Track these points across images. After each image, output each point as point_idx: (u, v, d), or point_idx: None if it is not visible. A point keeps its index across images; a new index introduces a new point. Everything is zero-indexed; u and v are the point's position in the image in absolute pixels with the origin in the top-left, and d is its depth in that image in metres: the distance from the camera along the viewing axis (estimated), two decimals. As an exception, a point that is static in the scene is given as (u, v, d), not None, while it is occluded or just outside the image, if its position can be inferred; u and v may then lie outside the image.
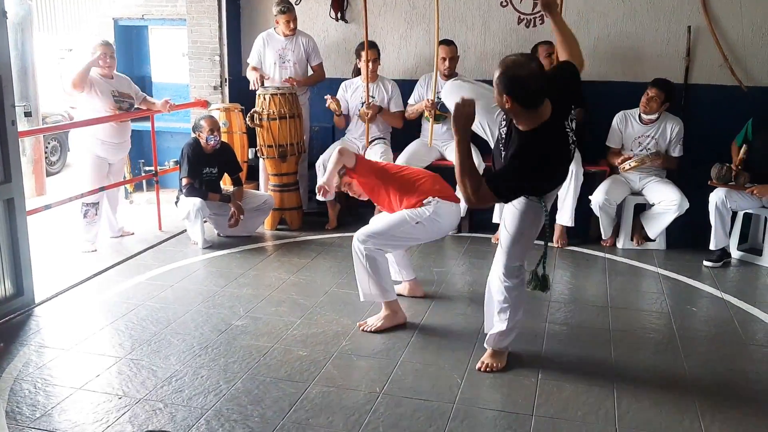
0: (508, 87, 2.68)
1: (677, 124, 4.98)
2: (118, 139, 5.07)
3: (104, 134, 4.98)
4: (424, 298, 4.08)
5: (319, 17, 5.96)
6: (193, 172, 5.01)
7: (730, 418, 2.83)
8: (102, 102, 4.92)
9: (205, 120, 5.08)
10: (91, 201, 5.00)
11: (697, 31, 5.25)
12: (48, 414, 2.80)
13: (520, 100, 2.68)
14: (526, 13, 5.56)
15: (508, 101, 2.70)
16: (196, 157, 5.02)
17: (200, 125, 5.06)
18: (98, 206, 5.06)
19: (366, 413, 2.81)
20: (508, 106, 2.71)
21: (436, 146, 5.43)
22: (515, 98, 2.68)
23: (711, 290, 4.31)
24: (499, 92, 2.72)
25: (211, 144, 5.03)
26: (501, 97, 2.72)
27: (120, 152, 5.18)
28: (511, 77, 2.67)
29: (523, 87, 2.66)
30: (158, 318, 3.76)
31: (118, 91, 5.03)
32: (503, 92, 2.69)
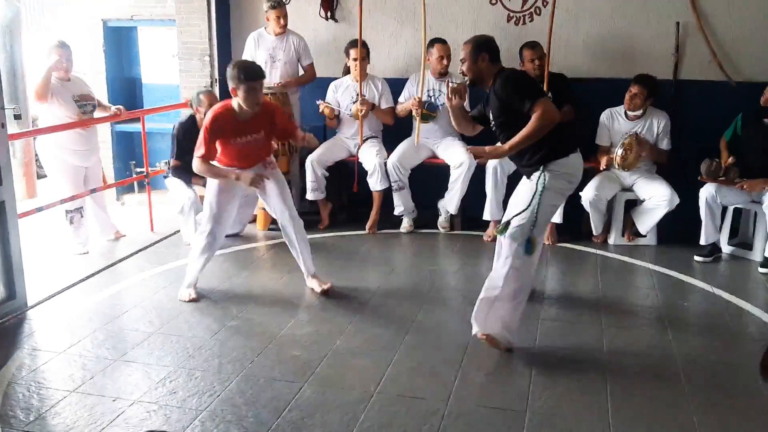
0: (483, 47, 3.40)
1: (663, 118, 5.01)
2: (86, 145, 4.92)
3: (71, 142, 4.82)
4: (419, 296, 4.09)
5: (308, 16, 5.95)
6: (184, 154, 4.77)
7: (723, 412, 2.85)
8: (65, 109, 4.75)
9: (205, 95, 4.94)
10: (73, 207, 4.91)
11: (685, 27, 5.28)
12: (42, 417, 2.80)
13: (491, 54, 3.40)
14: (516, 10, 5.57)
15: (484, 59, 3.38)
16: (189, 136, 4.76)
17: (199, 100, 4.91)
18: (82, 210, 4.99)
19: (360, 412, 2.82)
20: (483, 64, 3.38)
21: (427, 144, 5.44)
22: (489, 54, 3.39)
23: (702, 285, 4.34)
24: (474, 55, 3.38)
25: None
26: (476, 58, 3.38)
27: (91, 156, 5.03)
28: (482, 41, 3.45)
29: (491, 44, 3.44)
30: (151, 320, 3.75)
31: (78, 94, 4.85)
32: (479, 52, 3.38)
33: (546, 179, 3.26)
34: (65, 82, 4.80)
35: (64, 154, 4.85)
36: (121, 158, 6.80)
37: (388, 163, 5.31)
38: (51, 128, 4.73)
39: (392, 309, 3.90)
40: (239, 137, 3.88)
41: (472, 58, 3.38)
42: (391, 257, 4.89)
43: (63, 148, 4.83)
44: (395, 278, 4.45)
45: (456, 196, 5.27)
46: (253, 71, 3.78)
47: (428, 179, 5.47)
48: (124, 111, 5.22)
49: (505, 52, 5.57)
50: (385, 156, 5.37)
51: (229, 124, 3.83)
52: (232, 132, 3.85)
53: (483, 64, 3.37)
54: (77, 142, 4.87)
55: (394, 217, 5.47)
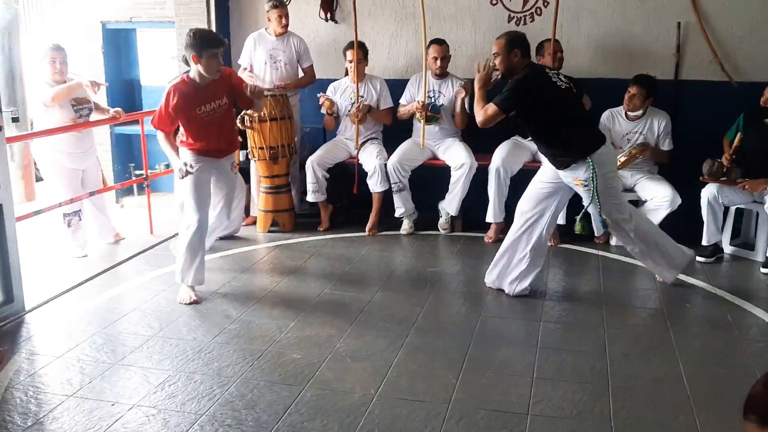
0: (516, 43, 3.74)
1: (664, 118, 4.99)
2: (81, 148, 4.89)
3: (66, 145, 4.80)
4: (419, 298, 4.07)
5: (308, 18, 5.94)
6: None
7: (725, 414, 2.83)
8: (61, 113, 4.72)
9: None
10: (71, 210, 4.89)
11: (686, 28, 5.26)
12: (40, 422, 2.78)
13: (524, 50, 3.76)
14: (516, 11, 5.55)
15: (517, 55, 3.73)
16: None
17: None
18: (80, 212, 4.97)
19: (361, 415, 2.80)
20: (516, 59, 3.73)
21: (428, 146, 5.42)
22: (522, 50, 3.75)
23: (704, 286, 4.32)
24: (506, 51, 3.72)
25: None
26: (510, 55, 3.72)
27: (87, 159, 5.00)
28: (516, 37, 3.79)
29: (524, 41, 3.79)
30: (150, 323, 3.73)
31: (75, 98, 4.82)
32: (512, 48, 3.72)
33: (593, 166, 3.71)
34: (61, 85, 4.74)
35: (60, 157, 4.82)
36: (120, 160, 6.78)
37: (389, 164, 5.29)
38: (49, 131, 4.71)
39: (393, 311, 3.88)
40: (202, 105, 3.91)
41: (505, 52, 3.73)
42: (392, 259, 4.88)
43: (58, 151, 4.81)
44: (396, 280, 4.43)
45: (456, 197, 5.25)
46: (215, 38, 3.89)
47: (429, 181, 5.45)
48: (123, 113, 5.19)
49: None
50: (385, 157, 5.35)
51: (191, 95, 3.87)
52: (192, 101, 3.88)
53: (515, 59, 3.74)
54: (72, 145, 4.84)
55: (395, 219, 5.45)
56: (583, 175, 3.77)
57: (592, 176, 3.73)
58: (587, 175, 3.75)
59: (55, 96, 4.64)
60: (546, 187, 3.99)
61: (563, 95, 3.77)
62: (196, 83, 3.90)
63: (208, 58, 3.77)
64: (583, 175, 3.77)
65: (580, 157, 3.74)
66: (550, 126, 3.80)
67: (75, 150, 4.87)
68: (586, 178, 3.77)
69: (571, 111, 3.85)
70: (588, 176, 3.75)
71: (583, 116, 3.94)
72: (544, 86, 3.75)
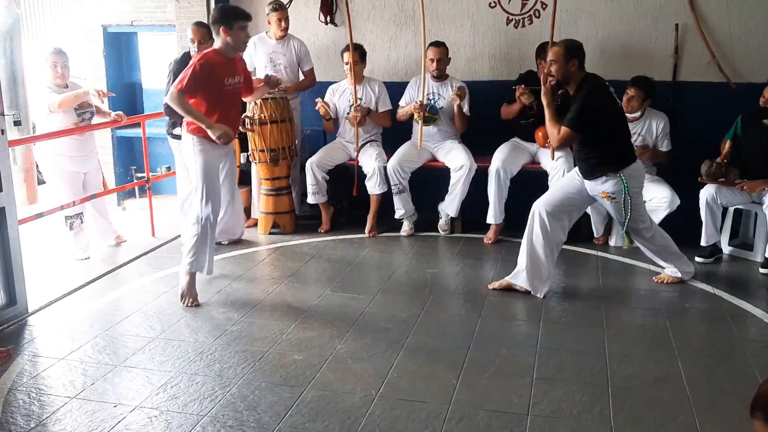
0: (574, 53, 3.79)
1: (662, 119, 5.01)
2: (83, 151, 4.92)
3: (68, 149, 4.82)
4: (419, 300, 4.09)
5: (308, 21, 5.97)
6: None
7: (724, 414, 2.85)
8: (64, 117, 4.74)
9: (191, 28, 4.90)
10: (73, 213, 4.91)
11: (684, 29, 5.28)
12: (43, 424, 2.79)
13: (581, 60, 3.81)
14: (515, 13, 5.57)
15: (575, 64, 3.78)
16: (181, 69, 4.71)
17: (191, 30, 4.89)
18: (81, 215, 4.99)
19: (362, 416, 2.82)
20: (573, 68, 3.79)
21: (427, 147, 5.44)
22: (579, 60, 3.80)
23: (703, 286, 4.34)
24: (564, 60, 3.76)
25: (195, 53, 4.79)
26: (567, 64, 3.77)
27: (88, 162, 5.02)
28: (574, 46, 3.82)
29: (582, 50, 3.84)
30: (152, 325, 3.75)
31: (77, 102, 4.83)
32: (570, 58, 3.76)
33: (625, 181, 3.87)
34: (63, 89, 4.79)
35: (62, 160, 4.85)
36: (122, 163, 6.81)
37: (388, 166, 5.31)
38: (51, 134, 4.73)
39: (393, 312, 3.90)
40: (228, 77, 3.98)
41: (563, 61, 3.77)
42: (392, 260, 4.89)
43: (60, 154, 4.83)
44: (396, 281, 4.45)
45: (456, 199, 5.27)
46: (244, 11, 4.02)
47: (428, 182, 5.47)
48: (124, 117, 5.21)
49: (504, 55, 5.67)
50: (384, 159, 5.37)
51: (220, 64, 3.94)
52: (223, 71, 3.95)
53: (573, 69, 3.79)
54: (74, 148, 4.86)
55: (395, 220, 5.47)
56: (611, 188, 3.91)
57: (623, 190, 3.87)
58: (616, 188, 3.89)
59: (61, 103, 4.67)
60: (569, 194, 4.11)
61: (619, 113, 3.97)
62: (224, 53, 3.97)
63: (239, 29, 3.88)
64: (612, 188, 3.91)
65: (613, 171, 3.88)
66: (604, 141, 3.88)
67: (77, 153, 4.89)
68: (614, 191, 3.91)
69: (623, 126, 3.99)
70: (617, 189, 3.89)
71: (628, 133, 4.07)
72: (608, 101, 3.87)
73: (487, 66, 5.70)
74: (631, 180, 3.89)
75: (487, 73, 5.72)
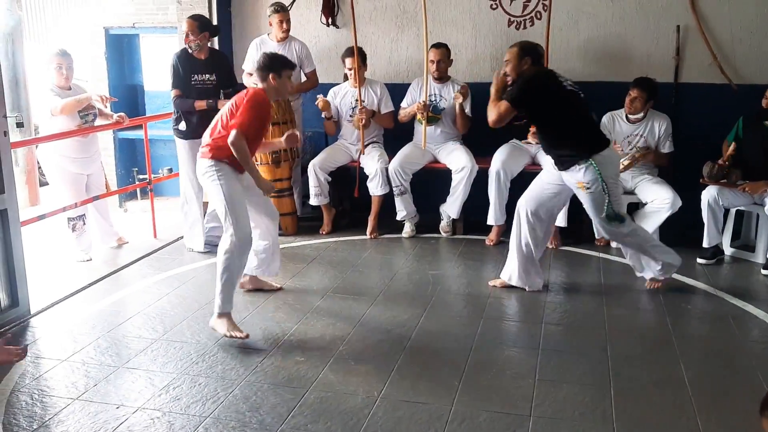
0: (528, 52, 3.91)
1: (664, 121, 5.01)
2: (86, 153, 4.93)
3: (71, 150, 4.83)
4: (421, 301, 4.09)
5: (310, 23, 5.97)
6: (181, 83, 4.81)
7: (726, 415, 2.85)
8: (67, 119, 4.75)
9: (186, 21, 4.87)
10: (75, 214, 4.92)
11: (685, 30, 5.29)
12: (45, 425, 2.80)
13: (534, 58, 3.92)
14: (516, 15, 5.58)
15: (527, 62, 3.88)
16: (183, 64, 4.78)
17: (182, 27, 4.86)
18: (84, 217, 5.00)
19: (364, 417, 2.82)
20: (526, 66, 3.88)
21: (429, 149, 5.44)
22: (532, 58, 3.90)
23: (705, 287, 4.34)
24: (518, 59, 3.89)
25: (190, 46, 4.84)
26: (520, 62, 3.88)
27: (91, 164, 5.03)
28: (528, 46, 3.98)
29: (536, 50, 3.99)
30: (155, 326, 3.75)
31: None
32: (523, 56, 3.89)
33: (597, 168, 3.78)
34: (66, 91, 4.79)
35: (65, 162, 4.86)
36: (123, 165, 6.82)
37: (390, 167, 5.32)
38: (53, 136, 4.74)
39: (395, 314, 3.90)
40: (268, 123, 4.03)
41: (516, 60, 3.89)
42: (393, 262, 4.90)
43: (63, 156, 4.84)
44: (397, 283, 4.45)
45: (458, 200, 5.27)
46: (291, 61, 4.03)
47: (430, 184, 5.48)
48: (126, 119, 5.21)
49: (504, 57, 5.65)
50: (386, 161, 5.37)
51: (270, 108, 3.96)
52: (269, 115, 3.98)
53: (525, 66, 3.88)
54: (77, 150, 4.87)
55: (396, 222, 5.47)
56: (585, 177, 3.84)
57: (598, 178, 3.80)
58: (590, 177, 3.82)
59: (63, 108, 4.67)
60: (550, 188, 4.10)
61: (569, 95, 3.90)
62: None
63: (288, 77, 3.91)
64: (585, 177, 3.84)
65: (582, 158, 3.82)
66: (557, 124, 3.90)
67: (80, 155, 4.89)
68: (588, 180, 3.83)
69: (578, 111, 3.95)
70: (591, 178, 3.82)
71: (589, 118, 4.04)
72: (551, 84, 3.89)
73: (488, 67, 5.70)
74: (604, 167, 3.82)
75: (489, 74, 5.69)
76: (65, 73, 4.76)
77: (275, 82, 3.82)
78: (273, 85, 3.83)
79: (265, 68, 3.83)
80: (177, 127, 4.99)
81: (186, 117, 4.89)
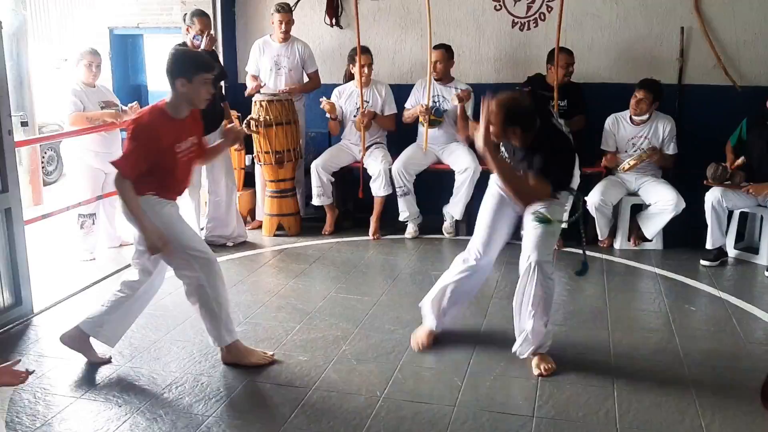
0: (514, 121, 3.01)
1: (669, 123, 5.01)
2: (108, 148, 4.97)
3: (94, 144, 4.91)
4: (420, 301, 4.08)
5: (313, 24, 5.98)
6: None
7: (730, 417, 2.84)
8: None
9: (198, 18, 4.88)
10: (87, 212, 4.96)
11: (690, 32, 5.28)
12: (48, 423, 2.80)
13: (525, 127, 3.04)
14: (520, 16, 5.58)
15: (516, 132, 3.04)
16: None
17: (192, 21, 4.85)
18: (95, 217, 5.03)
19: (367, 417, 2.82)
20: (516, 135, 3.05)
21: (432, 150, 5.44)
22: (522, 128, 3.04)
23: (709, 289, 4.33)
24: (503, 128, 3.01)
25: (196, 43, 4.86)
26: (506, 131, 3.03)
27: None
28: (519, 113, 3.03)
29: (528, 116, 3.05)
30: (158, 325, 3.75)
31: (104, 101, 4.96)
32: (509, 126, 3.01)
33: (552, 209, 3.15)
34: (91, 89, 4.90)
35: (87, 156, 4.93)
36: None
37: (393, 168, 5.32)
38: (55, 135, 4.79)
39: (398, 314, 3.90)
40: (179, 142, 3.12)
41: (501, 127, 3.02)
42: (396, 262, 4.90)
43: (86, 149, 4.91)
44: (400, 283, 4.45)
45: (461, 201, 5.27)
46: (209, 61, 3.30)
47: (433, 184, 5.48)
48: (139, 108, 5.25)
49: (510, 58, 5.67)
50: (389, 162, 5.37)
51: (167, 127, 3.08)
52: (172, 136, 3.09)
53: (516, 135, 3.06)
54: (100, 144, 4.94)
55: (399, 223, 5.47)
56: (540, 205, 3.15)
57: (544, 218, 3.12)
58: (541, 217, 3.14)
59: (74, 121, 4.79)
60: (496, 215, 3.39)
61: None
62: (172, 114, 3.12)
63: (201, 83, 3.09)
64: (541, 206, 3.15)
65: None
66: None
67: (102, 149, 4.95)
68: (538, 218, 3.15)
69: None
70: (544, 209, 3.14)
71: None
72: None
73: (492, 69, 5.70)
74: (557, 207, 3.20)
75: (493, 75, 5.73)
76: (94, 71, 4.89)
77: (185, 88, 3.06)
78: (182, 92, 3.07)
79: (171, 72, 3.08)
80: None
81: None
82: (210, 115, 4.84)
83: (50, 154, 8.55)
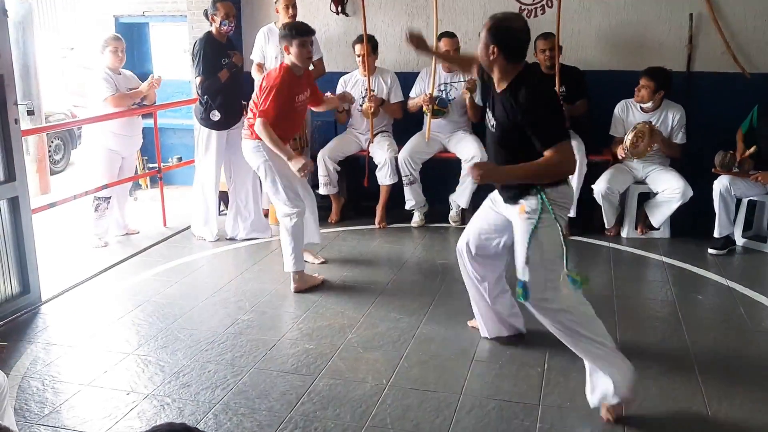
0: (497, 38, 2.69)
1: (678, 112, 4.96)
2: (129, 132, 5.09)
3: (116, 126, 5.00)
4: (430, 290, 4.08)
5: (319, 11, 5.95)
6: (210, 66, 4.81)
7: (737, 405, 2.83)
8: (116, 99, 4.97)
9: (221, 3, 4.86)
10: (103, 196, 5.03)
11: (698, 19, 5.23)
12: (56, 411, 2.82)
13: (506, 51, 2.69)
14: (527, 3, 5.54)
15: (495, 52, 2.69)
16: (211, 49, 4.81)
17: (215, 8, 4.83)
18: (110, 201, 5.09)
19: (373, 405, 2.82)
20: (493, 57, 2.71)
21: (438, 138, 5.42)
22: (502, 49, 2.69)
23: (716, 278, 4.31)
24: (486, 44, 2.71)
25: (224, 29, 4.86)
26: (487, 49, 2.71)
27: (132, 145, 5.22)
28: (501, 29, 2.70)
29: (513, 38, 2.70)
30: (165, 313, 3.77)
31: (131, 87, 5.08)
32: (491, 43, 2.69)
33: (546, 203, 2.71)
34: (117, 75, 5.00)
35: (107, 138, 5.00)
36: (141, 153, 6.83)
37: (399, 157, 5.30)
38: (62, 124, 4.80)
39: (404, 302, 3.90)
40: (298, 95, 4.04)
41: (485, 42, 2.72)
42: (402, 251, 4.89)
43: (108, 131, 4.97)
44: (406, 272, 4.45)
45: (467, 190, 5.25)
46: (304, 26, 4.06)
47: (439, 173, 5.46)
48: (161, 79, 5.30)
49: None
50: (395, 150, 5.36)
51: (294, 80, 3.98)
52: (295, 89, 4.01)
53: (494, 56, 2.70)
54: (121, 126, 5.01)
55: (405, 212, 5.46)
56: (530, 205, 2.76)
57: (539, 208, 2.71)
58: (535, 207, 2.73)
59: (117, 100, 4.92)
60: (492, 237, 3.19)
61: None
62: (293, 70, 4.00)
63: (298, 45, 3.91)
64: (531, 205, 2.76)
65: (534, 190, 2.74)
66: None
67: (123, 132, 5.03)
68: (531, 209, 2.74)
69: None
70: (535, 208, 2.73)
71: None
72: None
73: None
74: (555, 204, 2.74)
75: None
76: (120, 56, 4.98)
77: (288, 52, 3.95)
78: (288, 56, 3.96)
79: (281, 40, 4.03)
80: (209, 117, 4.91)
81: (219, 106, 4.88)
82: (232, 109, 4.96)
83: (57, 143, 8.58)
